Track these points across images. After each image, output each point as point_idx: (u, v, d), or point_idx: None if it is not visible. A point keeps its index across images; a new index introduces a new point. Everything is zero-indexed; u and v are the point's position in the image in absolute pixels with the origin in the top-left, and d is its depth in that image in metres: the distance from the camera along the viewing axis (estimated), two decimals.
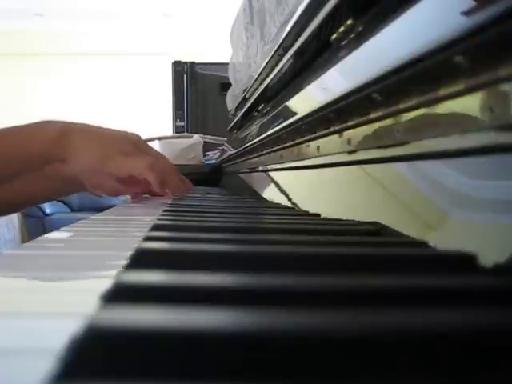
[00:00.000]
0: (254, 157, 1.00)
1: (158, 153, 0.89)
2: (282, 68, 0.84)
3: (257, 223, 0.52)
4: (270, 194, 0.82)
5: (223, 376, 0.13)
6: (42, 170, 0.79)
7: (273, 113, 0.84)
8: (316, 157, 0.57)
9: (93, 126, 0.82)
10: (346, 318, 0.15)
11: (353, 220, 0.42)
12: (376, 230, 0.37)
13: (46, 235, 0.37)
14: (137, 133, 0.87)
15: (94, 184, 0.81)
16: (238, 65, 1.46)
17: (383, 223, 0.37)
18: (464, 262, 0.25)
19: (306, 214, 0.54)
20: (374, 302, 0.19)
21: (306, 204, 0.58)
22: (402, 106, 0.34)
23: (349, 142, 0.45)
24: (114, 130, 0.82)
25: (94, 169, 0.77)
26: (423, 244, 0.30)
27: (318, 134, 0.55)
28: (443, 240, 0.29)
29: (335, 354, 0.14)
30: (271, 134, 0.78)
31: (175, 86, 3.07)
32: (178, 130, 3.00)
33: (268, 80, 0.95)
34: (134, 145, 0.80)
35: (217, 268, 0.23)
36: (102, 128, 0.83)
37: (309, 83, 0.61)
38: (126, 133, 0.83)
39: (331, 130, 0.50)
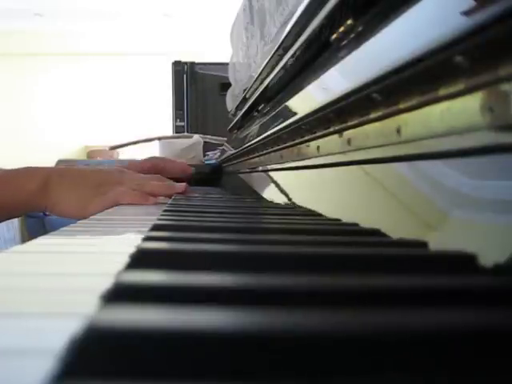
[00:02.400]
0: (254, 157, 1.00)
1: (132, 173, 0.89)
2: (281, 68, 0.84)
3: (257, 223, 0.52)
4: (270, 194, 0.82)
5: (223, 376, 0.13)
6: (21, 213, 0.86)
7: (273, 113, 0.84)
8: (316, 157, 0.57)
9: (74, 171, 0.86)
10: (346, 318, 0.15)
11: (353, 220, 0.42)
12: (376, 230, 0.37)
13: (45, 235, 0.37)
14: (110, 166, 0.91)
15: None
16: (238, 65, 1.46)
17: (383, 223, 0.37)
18: (464, 262, 0.25)
19: (306, 213, 0.54)
20: (374, 302, 0.19)
21: (306, 204, 0.58)
22: (402, 106, 0.34)
23: (349, 142, 0.45)
24: (90, 172, 0.86)
25: (76, 215, 0.81)
26: (423, 244, 0.30)
27: (317, 134, 0.55)
28: (443, 240, 0.29)
29: (335, 353, 0.14)
30: (271, 134, 0.78)
31: (175, 86, 3.07)
32: (178, 130, 3.00)
33: (268, 80, 0.95)
34: (114, 181, 0.82)
35: (217, 268, 0.23)
36: (80, 170, 0.87)
37: (309, 83, 0.61)
38: (105, 174, 0.86)
39: (331, 130, 0.50)
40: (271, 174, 0.85)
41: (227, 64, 1.67)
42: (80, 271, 0.25)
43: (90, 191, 0.81)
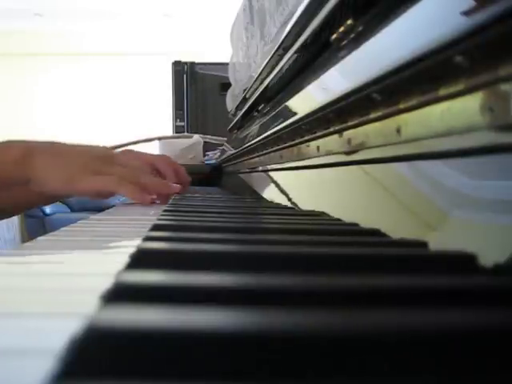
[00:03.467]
0: (254, 157, 1.00)
1: (129, 157, 0.84)
2: (281, 68, 0.84)
3: (257, 223, 0.52)
4: (270, 194, 0.82)
5: (223, 376, 0.13)
6: (8, 190, 0.78)
7: (273, 113, 0.84)
8: (316, 157, 0.57)
9: (58, 144, 0.80)
10: (346, 318, 0.15)
11: (353, 220, 0.42)
12: (376, 230, 0.37)
13: (45, 235, 0.37)
14: (102, 145, 0.86)
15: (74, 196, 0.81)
16: (238, 65, 1.46)
17: (383, 223, 0.37)
18: (464, 262, 0.25)
19: (306, 213, 0.54)
20: (374, 302, 0.19)
21: (306, 204, 0.58)
22: (402, 106, 0.34)
23: (349, 141, 0.45)
24: (78, 147, 0.80)
25: (60, 189, 0.77)
26: (423, 244, 0.30)
27: (318, 134, 0.55)
28: (443, 240, 0.29)
29: (335, 353, 0.14)
30: (271, 134, 0.78)
31: (175, 86, 3.07)
32: (178, 130, 3.00)
33: (268, 80, 0.95)
34: (101, 159, 0.77)
35: (216, 268, 0.23)
36: (66, 146, 0.81)
37: (309, 83, 0.61)
38: (92, 148, 0.81)
39: (331, 130, 0.50)
40: (271, 173, 0.85)
41: (227, 64, 1.67)
42: (80, 271, 0.25)
43: (77, 166, 0.75)
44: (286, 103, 0.72)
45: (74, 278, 0.24)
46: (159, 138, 2.14)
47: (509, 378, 0.14)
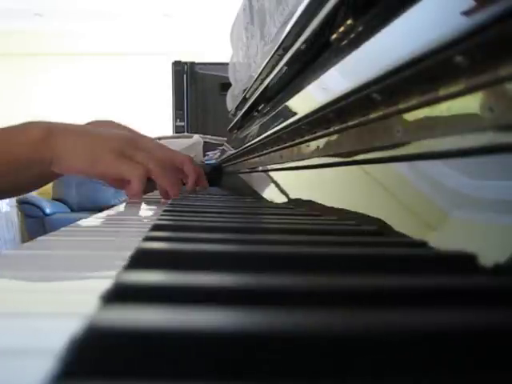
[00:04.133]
0: (254, 157, 1.00)
1: (155, 146, 0.82)
2: (281, 68, 0.84)
3: (256, 223, 0.52)
4: (270, 193, 0.82)
5: (223, 376, 0.13)
6: (29, 170, 0.76)
7: (273, 113, 0.84)
8: (316, 157, 0.57)
9: (79, 126, 0.79)
10: (346, 318, 0.15)
11: (353, 220, 0.42)
12: (376, 230, 0.37)
13: (45, 235, 0.37)
14: (127, 125, 0.84)
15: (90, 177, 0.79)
16: (238, 65, 1.46)
17: (383, 223, 0.37)
18: (464, 262, 0.25)
19: (306, 213, 0.54)
20: (374, 302, 0.19)
21: (306, 204, 0.58)
22: (401, 106, 0.34)
23: (349, 142, 0.45)
24: (102, 129, 0.78)
25: (83, 171, 0.75)
26: (423, 244, 0.30)
27: (317, 134, 0.55)
28: (443, 240, 0.29)
29: (335, 353, 0.14)
30: (271, 134, 0.78)
31: (175, 86, 3.07)
32: (178, 130, 3.00)
33: (268, 80, 0.95)
34: (126, 142, 0.76)
35: (216, 268, 0.23)
36: (88, 127, 0.79)
37: (309, 83, 0.61)
38: (116, 131, 0.79)
39: (331, 130, 0.50)
40: (271, 173, 0.85)
41: (227, 64, 1.67)
42: (80, 271, 0.25)
43: (102, 147, 0.73)
44: (286, 103, 0.72)
45: (74, 278, 0.24)
46: (159, 138, 2.14)
47: (509, 377, 0.14)
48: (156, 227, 0.38)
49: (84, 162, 0.74)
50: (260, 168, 0.96)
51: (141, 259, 0.25)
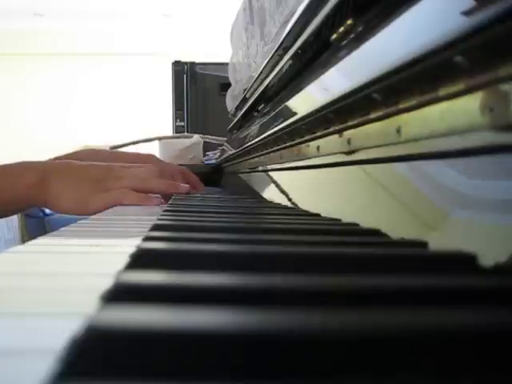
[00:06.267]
0: (254, 157, 1.00)
1: (135, 166, 0.87)
2: (281, 68, 0.84)
3: (256, 223, 0.52)
4: (270, 193, 0.82)
5: (223, 376, 0.13)
6: (21, 209, 0.86)
7: (273, 113, 0.84)
8: (316, 157, 0.57)
9: (71, 165, 0.84)
10: (346, 317, 0.15)
11: (353, 220, 0.42)
12: (376, 230, 0.37)
13: (45, 235, 0.37)
14: (108, 151, 0.90)
15: None
16: (238, 65, 1.46)
17: (383, 223, 0.37)
18: (464, 262, 0.25)
19: (306, 214, 0.54)
20: (374, 302, 0.19)
21: (306, 204, 0.58)
22: (401, 106, 0.34)
23: (349, 141, 0.45)
24: (89, 166, 0.83)
25: (77, 213, 0.80)
26: (423, 244, 0.30)
27: (317, 134, 0.55)
28: (443, 240, 0.29)
29: (335, 353, 0.14)
30: (271, 134, 0.78)
31: (175, 86, 3.07)
32: (178, 130, 3.00)
33: (268, 80, 0.95)
34: (110, 175, 0.81)
35: (217, 268, 0.23)
36: (78, 166, 0.84)
37: (309, 83, 0.61)
38: (100, 165, 0.84)
39: (331, 130, 0.50)
40: (271, 173, 0.85)
41: (227, 64, 1.67)
42: (80, 271, 0.25)
43: (89, 186, 0.79)
44: (286, 103, 0.72)
45: (74, 277, 0.24)
46: (159, 138, 2.15)
47: (509, 377, 0.14)
48: (156, 227, 0.38)
49: (74, 203, 0.80)
50: (260, 168, 0.96)
51: (141, 259, 0.25)
